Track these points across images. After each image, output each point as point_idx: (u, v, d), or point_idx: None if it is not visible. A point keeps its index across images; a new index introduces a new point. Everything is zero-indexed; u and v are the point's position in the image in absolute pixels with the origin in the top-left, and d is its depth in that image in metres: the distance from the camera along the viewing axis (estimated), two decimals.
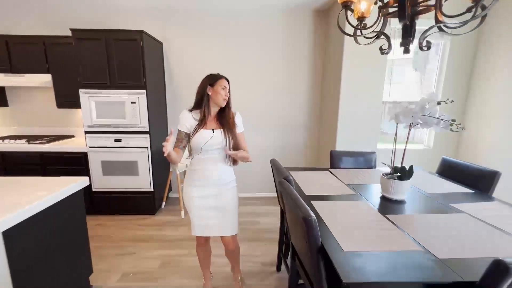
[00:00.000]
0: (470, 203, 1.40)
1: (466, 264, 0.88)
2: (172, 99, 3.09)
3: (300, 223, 0.97)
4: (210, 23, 2.92)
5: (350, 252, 0.93)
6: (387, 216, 1.23)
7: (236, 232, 1.54)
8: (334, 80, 2.66)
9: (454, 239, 1.02)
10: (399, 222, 1.16)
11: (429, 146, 2.76)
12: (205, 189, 1.45)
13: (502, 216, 1.23)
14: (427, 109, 1.23)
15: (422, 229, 1.10)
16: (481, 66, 2.48)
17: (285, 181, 1.29)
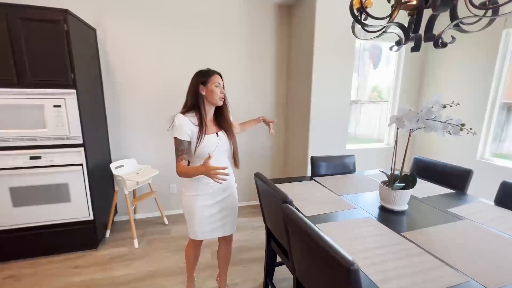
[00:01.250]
0: (462, 205, 1.40)
1: None
2: (112, 99, 2.47)
3: (334, 270, 0.73)
4: (159, 9, 2.43)
5: None
6: (402, 234, 1.09)
7: (235, 230, 1.55)
8: (303, 81, 2.52)
9: (484, 258, 0.93)
10: (420, 242, 1.03)
11: (390, 144, 2.88)
12: (213, 197, 1.40)
13: (498, 219, 1.23)
14: (434, 113, 1.14)
15: (445, 249, 0.99)
16: (431, 62, 2.69)
17: (289, 207, 1.03)
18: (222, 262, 1.67)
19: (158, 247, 2.25)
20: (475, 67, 2.27)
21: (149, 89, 2.54)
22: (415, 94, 2.80)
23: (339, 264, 0.71)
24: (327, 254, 0.76)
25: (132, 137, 2.59)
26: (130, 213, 2.25)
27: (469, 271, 0.86)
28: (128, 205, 2.24)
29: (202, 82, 1.28)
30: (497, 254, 0.95)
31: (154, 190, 2.58)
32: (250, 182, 3.07)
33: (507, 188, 1.44)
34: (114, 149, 2.56)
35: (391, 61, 2.81)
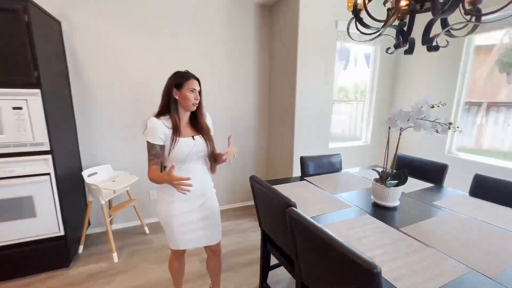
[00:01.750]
0: (444, 198, 1.50)
1: None
2: (81, 100, 2.24)
3: (355, 274, 0.72)
4: (134, 5, 2.25)
5: None
6: (401, 230, 1.14)
7: (220, 238, 1.46)
8: (287, 81, 2.52)
9: (477, 248, 1.00)
10: (419, 236, 1.08)
11: (367, 142, 3.03)
12: (190, 202, 1.31)
13: (477, 209, 1.35)
14: (424, 112, 1.20)
15: (441, 241, 1.05)
16: (403, 64, 2.88)
17: (295, 211, 1.00)
18: (213, 274, 1.58)
19: (140, 259, 2.09)
20: (442, 69, 2.48)
21: (124, 89, 2.35)
22: (389, 94, 2.98)
23: (361, 268, 0.70)
24: (346, 258, 0.75)
25: (106, 142, 2.37)
26: (107, 224, 2.06)
27: (468, 261, 0.92)
28: (105, 216, 2.05)
29: (176, 86, 1.23)
30: (486, 243, 1.03)
31: (133, 198, 2.40)
32: (231, 185, 3.01)
33: (480, 180, 1.58)
34: (85, 155, 2.33)
35: (359, 63, 2.98)
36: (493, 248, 1.00)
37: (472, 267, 0.89)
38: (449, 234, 1.10)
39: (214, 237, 1.41)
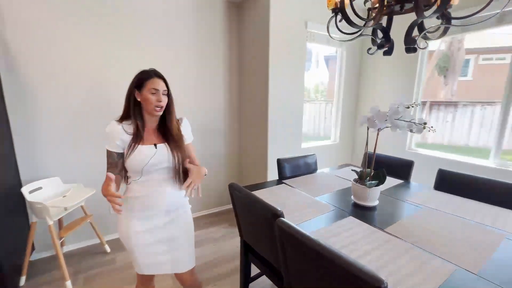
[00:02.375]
0: (415, 195, 1.57)
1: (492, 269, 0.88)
2: (17, 100, 1.86)
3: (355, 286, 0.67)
4: None
5: None
6: (386, 231, 1.14)
7: (193, 265, 1.23)
8: (259, 82, 2.45)
9: (457, 243, 1.04)
10: (403, 235, 1.09)
11: (336, 141, 3.12)
12: (150, 220, 1.11)
13: (446, 203, 1.43)
14: (400, 113, 1.22)
15: (425, 239, 1.07)
16: (366, 65, 3.03)
17: (286, 223, 0.93)
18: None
19: (102, 284, 1.83)
20: (401, 71, 2.65)
21: (75, 90, 2.03)
22: (354, 94, 3.10)
23: (366, 283, 0.65)
24: (348, 273, 0.69)
25: (52, 150, 2.02)
26: (57, 248, 1.75)
27: (452, 259, 0.94)
28: (55, 239, 1.74)
29: (137, 86, 1.07)
30: (463, 237, 1.08)
31: (90, 214, 2.09)
32: (204, 191, 2.84)
33: (443, 174, 1.70)
34: (26, 167, 1.95)
35: (320, 64, 3.07)
36: (470, 242, 1.05)
37: (457, 264, 0.91)
38: (430, 231, 1.13)
39: (182, 263, 1.18)
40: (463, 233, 1.12)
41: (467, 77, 10.07)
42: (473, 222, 1.22)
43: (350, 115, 3.13)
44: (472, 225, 1.19)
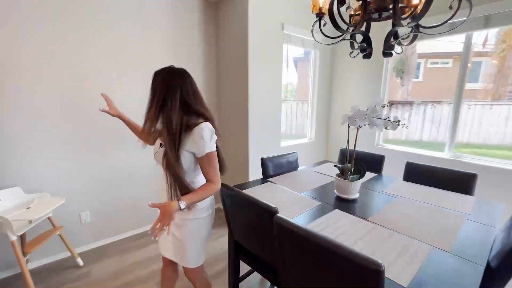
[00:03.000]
0: (389, 186, 1.73)
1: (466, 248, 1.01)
2: None
3: (359, 275, 0.73)
4: None
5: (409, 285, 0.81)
6: (369, 220, 1.24)
7: (192, 266, 1.21)
8: (239, 82, 2.46)
9: (430, 226, 1.17)
10: (384, 223, 1.20)
11: (312, 139, 3.26)
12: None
13: (416, 193, 1.60)
14: (377, 111, 1.34)
15: (403, 225, 1.19)
16: (337, 67, 3.21)
17: (284, 219, 0.96)
18: None
19: None
20: (369, 73, 2.86)
21: (38, 91, 1.84)
22: (327, 94, 3.27)
23: (366, 268, 0.71)
24: (348, 260, 0.75)
25: (9, 158, 1.80)
26: (23, 265, 1.57)
27: (428, 240, 1.06)
28: (19, 256, 1.56)
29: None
30: (434, 221, 1.23)
31: (59, 225, 1.91)
32: None
33: (410, 167, 1.89)
34: None
35: (289, 65, 3.19)
36: (439, 225, 1.19)
37: (433, 245, 1.03)
38: (405, 218, 1.26)
39: (180, 257, 1.19)
40: (432, 217, 1.26)
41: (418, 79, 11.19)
42: (438, 208, 1.38)
43: (323, 114, 3.29)
44: (438, 210, 1.35)
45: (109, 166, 2.23)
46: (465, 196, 1.55)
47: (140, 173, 2.42)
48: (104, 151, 2.19)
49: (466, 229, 1.16)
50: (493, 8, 1.91)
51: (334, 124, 3.32)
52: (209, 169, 1.08)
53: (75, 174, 2.07)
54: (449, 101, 7.51)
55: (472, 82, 10.78)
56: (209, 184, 1.08)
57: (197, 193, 1.06)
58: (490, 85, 9.39)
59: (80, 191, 2.11)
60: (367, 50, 1.12)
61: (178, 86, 1.04)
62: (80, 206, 2.13)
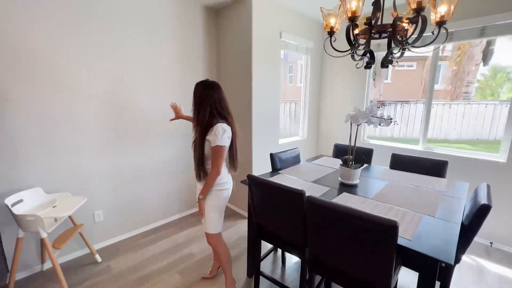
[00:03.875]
0: (378, 173, 2.05)
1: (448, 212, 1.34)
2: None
3: (377, 233, 1.00)
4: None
5: (413, 238, 1.10)
6: (372, 199, 1.53)
7: (209, 231, 1.61)
8: (242, 85, 2.66)
9: (415, 200, 1.50)
10: (385, 200, 1.50)
11: (304, 136, 3.56)
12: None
13: (401, 177, 1.94)
14: (374, 111, 1.64)
15: (399, 201, 1.50)
16: (327, 70, 3.55)
17: (315, 197, 1.21)
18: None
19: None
20: (355, 76, 3.22)
21: (53, 92, 1.89)
22: (317, 95, 3.59)
23: (385, 225, 0.98)
24: (371, 222, 1.01)
25: (29, 160, 1.84)
26: (54, 261, 1.64)
27: (418, 210, 1.38)
28: (50, 252, 1.63)
29: None
30: (419, 197, 1.55)
31: (80, 223, 1.97)
32: (181, 194, 2.91)
33: (395, 157, 2.24)
34: (1, 178, 1.74)
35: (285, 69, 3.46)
36: (424, 200, 1.51)
37: (423, 213, 1.34)
38: (398, 196, 1.57)
39: (205, 224, 1.63)
40: (418, 195, 1.59)
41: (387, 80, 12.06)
42: (421, 188, 1.72)
43: (314, 114, 3.61)
44: (421, 189, 1.69)
45: (120, 168, 2.32)
46: (440, 178, 1.92)
47: (148, 174, 2.53)
48: (115, 154, 2.27)
49: (444, 201, 1.49)
50: (457, 26, 2.33)
51: (324, 123, 3.66)
52: (215, 157, 1.48)
53: (90, 175, 2.14)
54: (415, 101, 8.22)
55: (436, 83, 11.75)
56: (212, 171, 1.49)
57: (206, 184, 1.52)
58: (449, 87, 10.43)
59: (94, 191, 2.18)
60: (371, 63, 1.40)
61: (209, 97, 1.50)
62: (94, 205, 2.19)
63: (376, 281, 1.11)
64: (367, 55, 1.45)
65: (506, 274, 2.00)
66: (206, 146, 1.49)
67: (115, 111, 2.21)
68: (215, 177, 1.50)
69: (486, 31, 2.22)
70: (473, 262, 2.15)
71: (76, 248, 2.14)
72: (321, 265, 1.32)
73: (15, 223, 1.76)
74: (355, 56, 1.56)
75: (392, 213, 1.35)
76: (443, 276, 1.37)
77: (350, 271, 1.19)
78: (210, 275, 1.92)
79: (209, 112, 1.48)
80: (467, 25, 2.28)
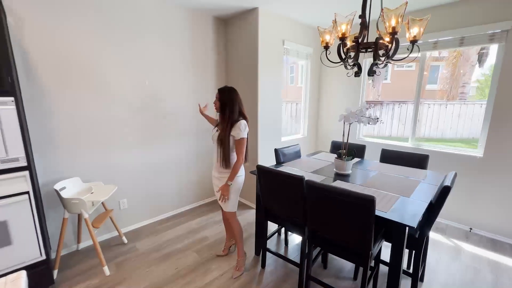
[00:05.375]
0: (371, 165, 2.35)
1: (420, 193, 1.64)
2: (33, 104, 1.96)
3: (358, 207, 1.30)
4: (96, 8, 2.14)
5: (388, 211, 1.41)
6: (361, 185, 1.83)
7: (229, 210, 1.92)
8: (248, 89, 2.97)
9: (396, 186, 1.80)
10: (373, 186, 1.80)
11: (305, 134, 3.86)
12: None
13: (389, 169, 2.24)
14: (363, 112, 1.94)
15: (384, 187, 1.80)
16: (324, 73, 3.85)
17: (313, 180, 1.51)
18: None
19: (134, 267, 2.10)
20: (350, 79, 3.52)
21: (87, 94, 2.20)
22: (317, 97, 3.89)
23: (366, 199, 1.28)
24: (356, 198, 1.32)
25: (69, 152, 2.15)
26: (94, 237, 1.95)
27: (397, 192, 1.68)
28: (91, 230, 1.94)
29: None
30: (398, 183, 1.85)
31: (111, 208, 2.29)
32: (194, 184, 3.22)
33: (385, 152, 2.54)
34: (45, 169, 2.05)
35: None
36: (404, 185, 1.82)
37: (400, 195, 1.64)
38: (383, 183, 1.87)
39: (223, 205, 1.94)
40: (400, 182, 1.89)
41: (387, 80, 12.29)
42: (404, 177, 2.02)
43: (314, 113, 3.91)
44: (403, 178, 1.99)
45: (142, 162, 2.63)
46: (421, 170, 2.22)
47: (166, 167, 2.84)
48: (139, 150, 2.59)
49: (420, 187, 1.80)
50: (441, 35, 2.63)
51: (322, 122, 3.96)
52: (238, 148, 1.80)
53: (117, 167, 2.45)
54: (412, 101, 8.36)
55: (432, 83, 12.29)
56: (236, 161, 1.81)
57: (232, 172, 1.82)
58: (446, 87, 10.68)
59: (120, 181, 2.49)
60: (358, 73, 1.70)
61: (236, 99, 1.84)
62: (120, 194, 2.50)
63: (360, 246, 1.41)
64: (356, 65, 1.75)
65: (481, 254, 2.30)
66: (231, 140, 1.79)
67: (139, 110, 2.52)
68: (241, 165, 1.83)
69: (464, 40, 2.51)
70: (452, 244, 2.44)
71: (103, 231, 2.45)
72: (317, 238, 1.63)
73: (56, 208, 2.08)
74: (347, 66, 1.86)
75: (375, 195, 1.65)
76: (415, 245, 1.65)
77: (340, 240, 1.50)
78: (223, 253, 2.23)
79: (237, 112, 1.81)
80: (449, 35, 2.58)
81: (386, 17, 1.39)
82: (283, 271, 2.06)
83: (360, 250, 1.43)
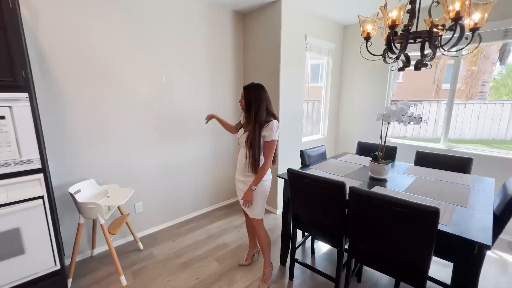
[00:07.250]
0: (406, 169, 2.16)
1: None
2: (49, 104, 1.84)
3: (419, 218, 1.12)
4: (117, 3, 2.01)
5: (449, 225, 1.22)
6: (403, 192, 1.64)
7: (256, 217, 1.76)
8: (269, 85, 2.79)
9: (450, 194, 1.60)
10: (416, 193, 1.61)
11: (325, 135, 3.68)
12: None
13: (426, 173, 2.04)
14: (405, 110, 1.75)
15: (428, 193, 1.61)
16: (347, 76, 3.65)
17: (359, 188, 1.33)
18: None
19: (152, 276, 1.96)
20: (374, 76, 3.32)
21: (104, 94, 2.07)
22: (337, 96, 3.70)
23: (427, 211, 1.10)
24: (414, 208, 1.14)
25: (83, 154, 2.03)
26: (110, 244, 1.82)
27: (451, 201, 1.48)
28: (107, 236, 1.81)
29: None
30: (450, 191, 1.65)
31: (127, 212, 2.15)
32: (213, 187, 3.07)
33: (420, 154, 2.34)
34: (59, 170, 1.93)
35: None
36: (455, 193, 1.62)
37: (455, 204, 1.45)
38: (429, 190, 1.67)
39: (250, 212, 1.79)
40: (447, 189, 1.69)
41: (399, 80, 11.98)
42: (449, 182, 1.81)
43: (334, 113, 3.72)
44: (450, 184, 1.79)
45: (158, 164, 2.49)
46: (465, 174, 2.01)
47: (182, 169, 2.70)
48: (155, 151, 2.45)
49: (473, 194, 1.60)
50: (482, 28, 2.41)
51: (344, 122, 3.76)
52: (267, 151, 1.65)
53: (133, 169, 2.32)
54: (428, 100, 8.16)
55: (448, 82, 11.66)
56: (263, 165, 1.66)
57: (258, 176, 1.66)
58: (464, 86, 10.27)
59: (135, 184, 2.35)
60: (407, 65, 1.52)
61: (263, 97, 1.66)
62: (135, 197, 2.37)
63: (416, 262, 1.23)
64: (400, 58, 1.57)
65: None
66: (261, 141, 1.64)
67: (156, 110, 2.39)
68: (267, 170, 1.67)
69: (509, 33, 2.29)
70: (497, 257, 2.23)
71: (118, 237, 2.32)
72: (359, 250, 1.45)
73: (69, 211, 1.96)
74: (387, 60, 1.68)
75: (426, 203, 1.45)
76: (474, 262, 1.47)
77: (389, 254, 1.32)
78: (246, 262, 2.06)
79: (266, 111, 1.64)
80: (492, 27, 2.35)
81: (448, 0, 1.21)
82: (313, 284, 1.88)
83: (413, 267, 1.25)
